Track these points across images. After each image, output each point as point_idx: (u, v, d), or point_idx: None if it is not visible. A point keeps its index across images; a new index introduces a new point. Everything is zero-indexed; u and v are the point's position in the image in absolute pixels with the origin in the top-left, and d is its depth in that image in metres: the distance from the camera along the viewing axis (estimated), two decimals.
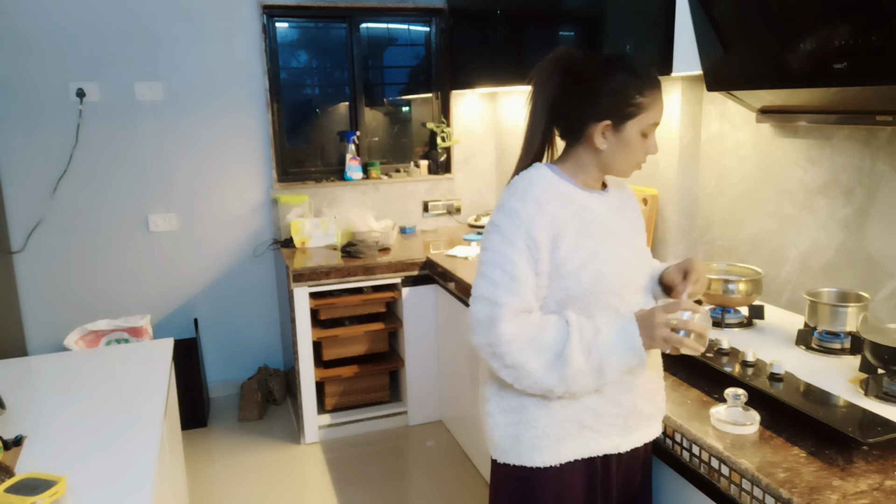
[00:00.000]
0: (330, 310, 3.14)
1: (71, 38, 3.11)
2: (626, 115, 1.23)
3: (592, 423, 1.27)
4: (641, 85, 1.22)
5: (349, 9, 3.50)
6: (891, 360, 1.34)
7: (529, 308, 1.24)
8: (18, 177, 3.15)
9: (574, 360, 1.19)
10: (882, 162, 1.70)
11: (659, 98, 1.24)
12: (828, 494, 1.07)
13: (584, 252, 1.24)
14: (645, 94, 1.22)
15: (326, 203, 3.58)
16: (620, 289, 1.26)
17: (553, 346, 1.21)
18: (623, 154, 1.27)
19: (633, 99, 1.21)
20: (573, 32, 2.55)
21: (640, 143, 1.25)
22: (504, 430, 1.31)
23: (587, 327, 1.21)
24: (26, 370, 1.91)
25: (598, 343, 1.20)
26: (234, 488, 2.80)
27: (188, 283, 3.51)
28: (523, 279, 1.22)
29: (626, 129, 1.24)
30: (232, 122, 3.41)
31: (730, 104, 2.14)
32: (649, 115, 1.23)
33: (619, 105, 1.22)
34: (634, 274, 1.31)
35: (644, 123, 1.24)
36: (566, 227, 1.24)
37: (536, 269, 1.23)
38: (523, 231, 1.22)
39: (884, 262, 1.72)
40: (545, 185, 1.27)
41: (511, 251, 1.22)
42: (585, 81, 1.25)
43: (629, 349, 1.20)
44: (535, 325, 1.22)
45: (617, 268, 1.26)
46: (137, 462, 1.33)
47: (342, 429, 3.20)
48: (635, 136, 1.24)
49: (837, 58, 1.35)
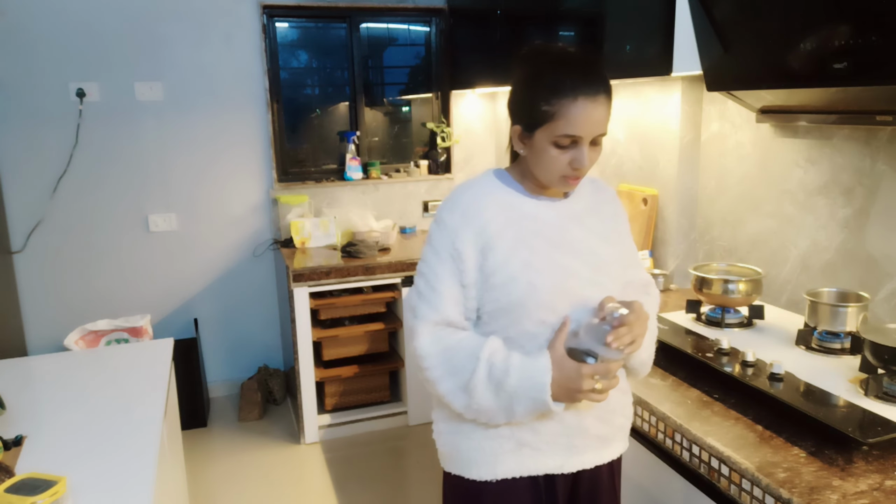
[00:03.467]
0: (330, 310, 3.14)
1: (71, 38, 3.11)
2: (532, 122, 1.15)
3: (531, 441, 1.21)
4: (548, 92, 1.12)
5: (349, 9, 3.50)
6: (891, 360, 1.34)
7: (449, 321, 1.20)
8: (18, 177, 3.15)
9: (479, 396, 1.15)
10: (882, 162, 1.70)
11: (576, 108, 1.10)
12: (828, 494, 1.07)
13: (516, 263, 1.17)
14: (552, 102, 1.11)
15: (326, 203, 3.58)
16: (555, 302, 1.18)
17: (461, 373, 1.16)
18: (539, 163, 1.18)
19: (539, 106, 1.13)
20: (573, 32, 2.55)
21: (557, 154, 1.14)
22: (445, 437, 1.28)
23: (498, 364, 1.15)
24: (26, 370, 1.91)
25: (507, 385, 1.14)
26: (234, 488, 2.80)
27: (188, 283, 3.51)
28: (445, 292, 1.18)
29: (535, 137, 1.16)
30: (232, 122, 3.41)
31: (730, 104, 2.14)
32: (559, 126, 1.12)
33: (526, 110, 1.16)
34: (579, 286, 1.20)
35: (553, 134, 1.13)
36: (499, 236, 1.18)
37: (462, 280, 1.18)
38: (448, 242, 1.19)
39: (884, 262, 1.72)
40: (480, 192, 1.22)
41: (436, 262, 1.20)
42: (514, 81, 1.21)
43: (536, 399, 1.13)
44: (452, 344, 1.18)
45: (553, 280, 1.18)
46: (137, 462, 1.33)
47: (342, 429, 3.20)
48: (545, 145, 1.15)
49: (837, 58, 1.35)
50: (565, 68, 1.13)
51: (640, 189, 2.49)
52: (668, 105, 2.32)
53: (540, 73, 1.15)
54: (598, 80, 1.13)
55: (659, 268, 2.41)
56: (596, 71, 1.14)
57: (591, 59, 1.16)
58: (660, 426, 1.41)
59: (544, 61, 1.17)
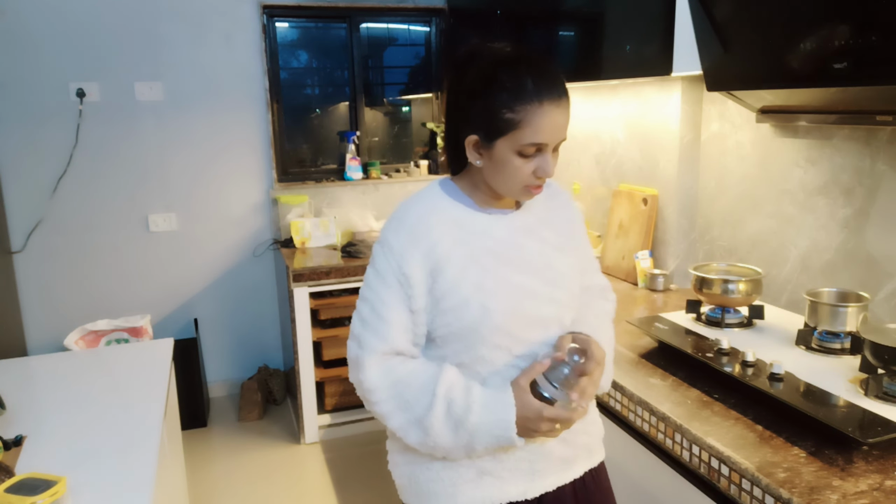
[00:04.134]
0: (330, 310, 3.13)
1: (71, 38, 3.12)
2: (493, 130, 1.06)
3: (493, 469, 1.15)
4: (512, 98, 1.03)
5: (349, 9, 3.50)
6: (891, 360, 1.34)
7: (398, 351, 1.13)
8: (18, 177, 3.15)
9: (437, 433, 1.08)
10: (882, 162, 1.70)
11: (542, 115, 1.03)
12: (828, 494, 1.07)
13: (467, 285, 1.09)
14: (516, 109, 1.03)
15: (326, 203, 3.58)
16: (511, 326, 1.11)
17: (414, 408, 1.09)
18: (500, 174, 1.09)
19: (501, 114, 1.04)
20: (573, 32, 2.54)
21: (521, 164, 1.07)
22: (402, 469, 1.23)
23: (457, 400, 1.08)
24: (26, 370, 1.91)
25: (468, 422, 1.07)
26: (234, 488, 2.80)
27: (188, 283, 3.51)
28: (392, 320, 1.11)
29: (497, 147, 1.07)
30: (232, 122, 3.41)
31: (730, 104, 2.14)
32: (524, 135, 1.04)
33: (485, 118, 1.06)
34: (536, 306, 1.14)
35: (517, 143, 1.05)
36: (448, 257, 1.10)
37: (411, 306, 1.11)
38: (394, 266, 1.10)
39: (884, 262, 1.72)
40: (425, 210, 1.14)
41: (382, 288, 1.11)
42: (464, 85, 1.10)
43: (500, 437, 1.08)
44: (403, 377, 1.11)
45: (508, 302, 1.11)
46: (137, 462, 1.33)
47: (342, 429, 3.20)
48: (508, 155, 1.06)
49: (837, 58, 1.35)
50: (526, 71, 1.05)
51: (640, 189, 2.49)
52: (668, 105, 2.32)
53: (496, 77, 1.05)
54: (559, 82, 1.06)
55: (659, 268, 2.41)
56: (555, 73, 1.07)
57: (546, 59, 1.09)
58: (660, 426, 1.41)
59: (498, 64, 1.07)
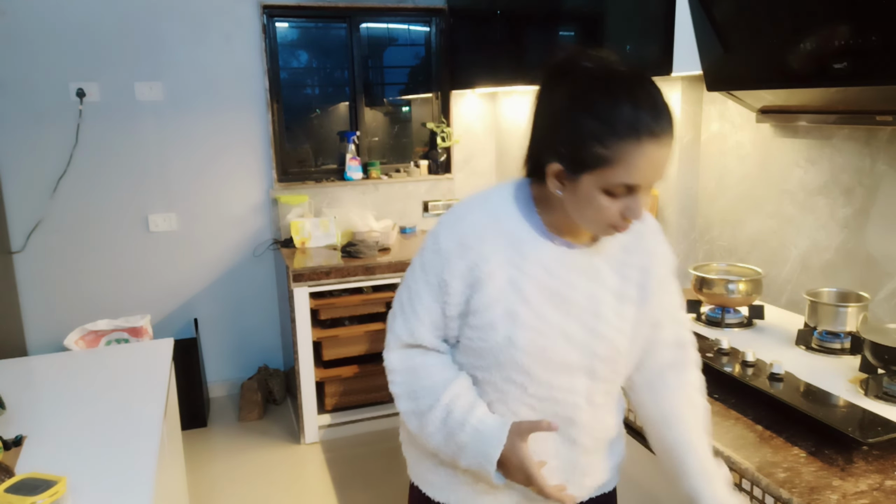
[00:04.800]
0: (330, 310, 3.13)
1: (71, 38, 3.11)
2: (579, 163, 0.93)
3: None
4: (605, 131, 0.90)
5: (349, 9, 3.50)
6: (891, 360, 1.34)
7: (422, 344, 1.10)
8: (18, 177, 3.15)
9: (430, 434, 1.08)
10: (882, 162, 1.70)
11: (639, 153, 0.90)
12: (828, 494, 1.07)
13: (500, 310, 1.03)
14: (609, 145, 0.90)
15: (326, 203, 3.58)
16: (531, 366, 1.04)
17: (419, 401, 1.09)
18: (582, 211, 0.97)
19: (590, 147, 0.91)
20: (573, 32, 2.54)
21: (608, 204, 0.94)
22: (406, 447, 1.25)
23: (456, 414, 1.05)
24: (26, 370, 1.91)
25: (458, 438, 1.05)
26: (234, 488, 2.80)
27: (188, 283, 3.51)
28: (422, 316, 1.09)
29: (582, 181, 0.94)
30: (232, 122, 3.41)
31: (730, 104, 2.14)
32: (615, 174, 0.91)
33: (572, 148, 0.94)
34: (567, 351, 1.05)
35: (606, 181, 0.92)
36: (491, 276, 1.02)
37: (445, 311, 1.07)
38: (438, 268, 1.06)
39: (884, 262, 1.72)
40: (485, 220, 1.05)
41: (422, 283, 1.09)
42: (552, 102, 0.97)
43: (481, 465, 1.04)
44: (419, 367, 1.10)
45: (536, 341, 1.03)
46: (137, 462, 1.33)
47: (342, 429, 3.20)
48: (593, 192, 0.94)
49: (837, 58, 1.35)
50: (625, 97, 0.90)
51: None
52: None
53: (590, 100, 0.92)
54: (664, 112, 0.92)
55: None
56: (660, 100, 0.92)
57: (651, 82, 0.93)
58: None
59: (593, 85, 0.93)
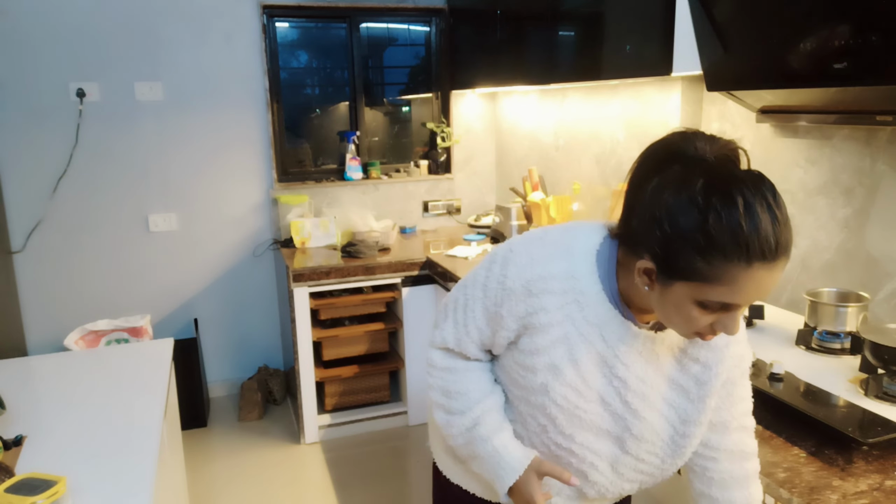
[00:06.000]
0: (330, 310, 3.13)
1: (71, 38, 3.11)
2: (675, 271, 0.84)
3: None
4: (712, 249, 0.80)
5: (349, 9, 3.50)
6: (891, 360, 1.34)
7: (465, 355, 1.11)
8: (18, 177, 3.15)
9: (454, 434, 1.12)
10: (882, 162, 1.70)
11: (746, 278, 0.80)
12: (828, 494, 1.07)
13: (546, 359, 0.99)
14: (714, 264, 0.80)
15: (326, 203, 3.58)
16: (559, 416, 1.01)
17: (450, 400, 1.12)
18: (668, 314, 0.89)
19: (693, 260, 0.81)
20: (573, 32, 2.54)
21: (699, 316, 0.86)
22: (433, 430, 1.31)
23: (482, 430, 1.07)
24: (26, 370, 1.91)
25: (478, 450, 1.08)
26: (234, 488, 2.80)
27: (188, 283, 3.51)
28: (472, 332, 1.08)
29: (675, 287, 0.85)
30: (232, 122, 3.41)
31: (730, 104, 2.14)
32: (714, 292, 0.82)
33: (669, 252, 0.84)
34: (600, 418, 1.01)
35: (703, 296, 0.83)
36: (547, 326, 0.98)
37: (494, 338, 1.06)
38: (498, 300, 1.02)
39: (884, 262, 1.72)
40: (559, 272, 0.98)
41: (479, 304, 1.06)
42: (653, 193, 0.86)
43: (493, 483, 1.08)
44: (459, 369, 1.12)
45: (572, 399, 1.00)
46: (137, 462, 1.33)
47: (342, 429, 3.20)
48: (685, 302, 0.85)
49: (837, 58, 1.35)
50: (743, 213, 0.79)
51: None
52: (668, 105, 2.32)
53: (697, 210, 0.80)
54: (783, 235, 0.81)
55: None
56: (780, 217, 0.81)
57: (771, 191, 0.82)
58: None
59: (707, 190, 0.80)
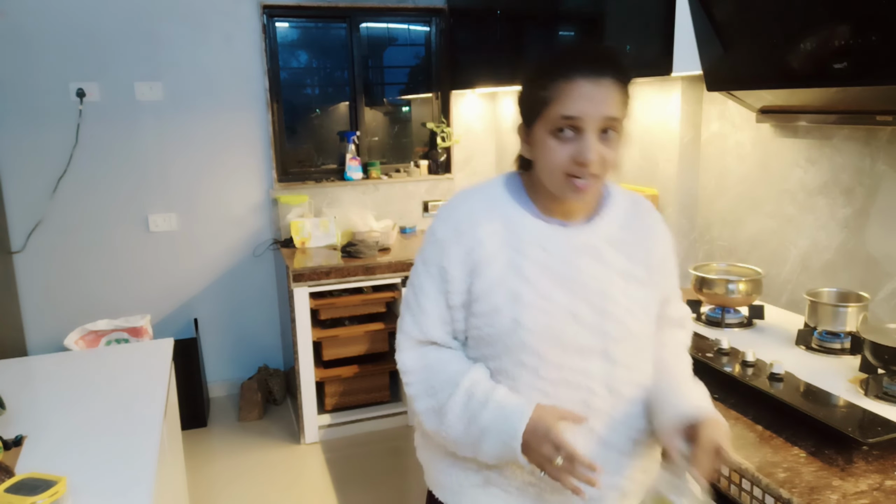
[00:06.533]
0: (330, 310, 3.13)
1: (71, 38, 3.11)
2: (531, 113, 1.04)
3: (498, 481, 1.10)
4: (545, 76, 1.01)
5: (349, 9, 3.50)
6: (891, 360, 1.34)
7: (433, 340, 1.11)
8: (18, 177, 3.15)
9: (450, 424, 1.06)
10: (882, 162, 1.70)
11: (572, 87, 0.98)
12: (828, 494, 1.07)
13: (503, 293, 1.04)
14: (548, 86, 1.00)
15: (326, 203, 3.58)
16: (540, 347, 1.03)
17: (438, 395, 1.08)
18: (539, 162, 1.04)
19: (536, 92, 1.02)
20: (573, 32, 2.54)
21: (556, 146, 1.00)
22: (421, 451, 1.24)
23: (478, 395, 1.04)
24: (26, 370, 1.91)
25: (481, 418, 1.03)
26: (234, 488, 2.80)
27: (188, 283, 3.51)
28: (429, 310, 1.10)
29: (535, 130, 1.03)
30: (232, 122, 3.41)
31: (730, 104, 2.14)
32: (554, 109, 0.99)
33: (525, 102, 1.06)
34: (576, 332, 1.04)
35: (550, 121, 1.00)
36: (490, 260, 1.05)
37: (449, 301, 1.08)
38: (437, 257, 1.08)
39: (884, 262, 1.72)
40: (478, 205, 1.09)
41: (425, 276, 1.10)
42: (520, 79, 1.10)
43: (506, 443, 1.01)
44: (434, 363, 1.10)
45: (542, 321, 1.03)
46: (137, 462, 1.33)
47: (342, 429, 3.20)
48: (544, 137, 1.01)
49: (837, 58, 1.35)
50: (566, 50, 1.06)
51: (640, 189, 2.49)
52: (668, 105, 2.32)
53: (541, 61, 1.05)
54: (602, 60, 1.00)
55: None
56: (602, 54, 1.02)
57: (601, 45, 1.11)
58: None
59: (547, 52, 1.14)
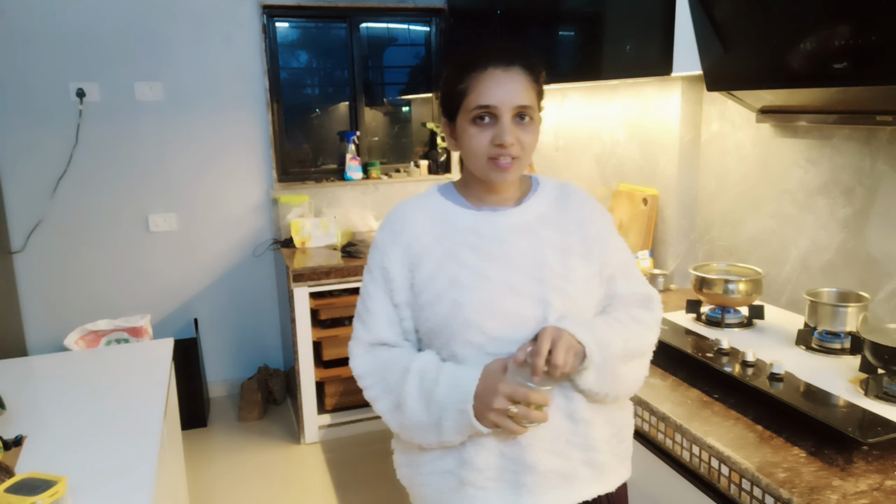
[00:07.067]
0: (330, 310, 3.13)
1: (71, 38, 3.11)
2: (452, 108, 1.12)
3: (474, 479, 1.10)
4: (462, 72, 1.10)
5: (349, 9, 3.50)
6: (891, 360, 1.34)
7: (384, 341, 1.16)
8: (18, 177, 3.15)
9: (410, 410, 1.09)
10: (882, 162, 1.70)
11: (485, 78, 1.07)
12: (828, 494, 1.07)
13: (442, 280, 1.10)
14: (464, 79, 1.09)
15: (326, 203, 3.58)
16: (482, 322, 1.07)
17: (395, 390, 1.11)
18: (464, 151, 1.13)
19: (454, 89, 1.10)
20: (573, 32, 2.54)
21: (476, 132, 1.09)
22: (402, 470, 1.23)
23: (429, 374, 1.08)
24: (26, 370, 1.91)
25: (436, 395, 1.06)
26: (234, 488, 2.80)
27: (188, 283, 3.51)
28: (377, 312, 1.16)
29: (458, 124, 1.12)
30: (232, 122, 3.41)
31: (730, 104, 2.14)
32: (471, 100, 1.08)
33: (445, 99, 1.14)
34: (515, 304, 1.08)
35: (468, 112, 1.09)
36: (426, 253, 1.12)
37: (393, 299, 1.15)
38: (378, 261, 1.16)
39: (884, 262, 1.72)
40: (412, 207, 1.18)
41: (369, 281, 1.18)
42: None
43: (462, 411, 1.04)
44: (386, 361, 1.14)
45: (481, 296, 1.08)
46: (137, 462, 1.33)
47: (342, 429, 3.20)
48: (465, 127, 1.10)
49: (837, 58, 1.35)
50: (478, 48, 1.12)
51: (639, 189, 2.49)
52: (668, 105, 2.32)
53: (457, 59, 1.13)
54: (511, 53, 1.09)
55: (659, 268, 2.41)
56: (511, 48, 1.11)
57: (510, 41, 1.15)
58: (660, 426, 1.41)
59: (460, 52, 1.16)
